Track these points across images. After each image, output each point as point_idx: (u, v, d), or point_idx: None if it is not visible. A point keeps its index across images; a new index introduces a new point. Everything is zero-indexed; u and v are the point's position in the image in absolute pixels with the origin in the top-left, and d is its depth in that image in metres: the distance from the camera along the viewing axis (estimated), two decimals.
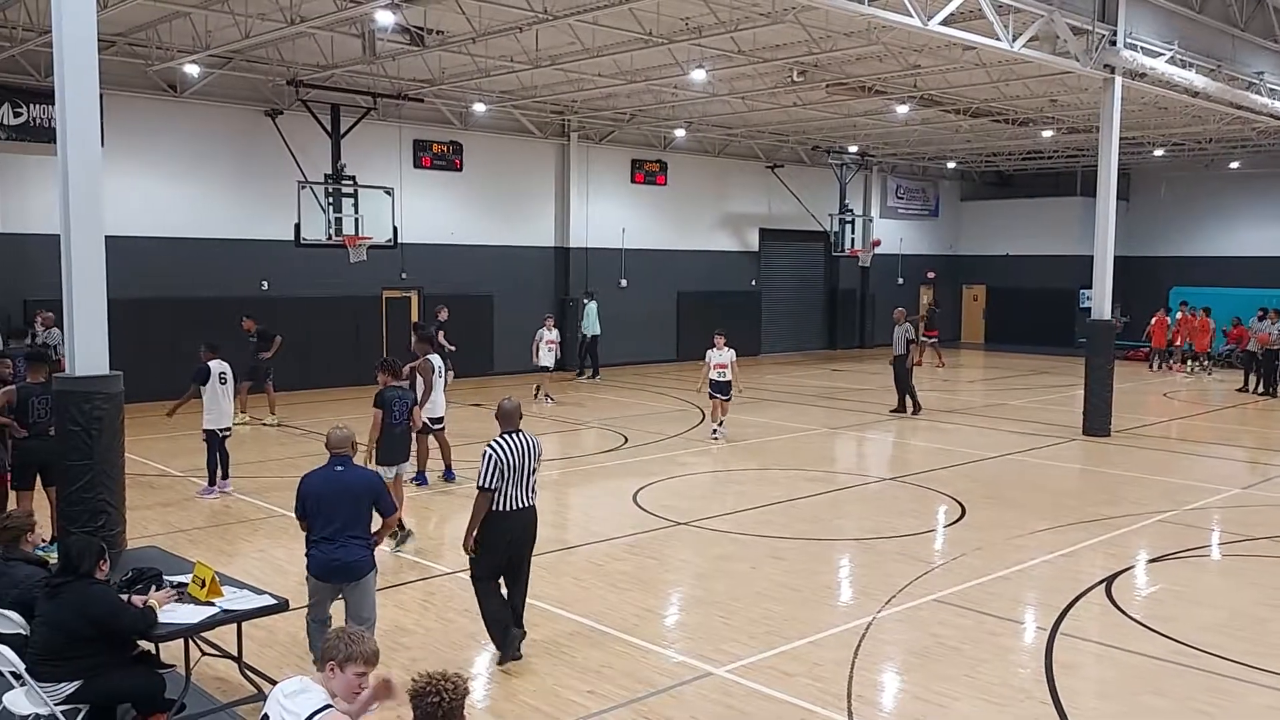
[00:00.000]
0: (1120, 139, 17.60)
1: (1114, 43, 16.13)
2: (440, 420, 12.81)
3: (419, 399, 11.77)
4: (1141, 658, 7.46)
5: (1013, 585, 9.17)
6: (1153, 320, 28.24)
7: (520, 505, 7.05)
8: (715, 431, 16.35)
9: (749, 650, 7.48)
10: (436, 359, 12.77)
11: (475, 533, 7.03)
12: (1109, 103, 17.09)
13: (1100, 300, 17.50)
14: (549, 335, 19.97)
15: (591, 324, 24.26)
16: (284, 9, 14.97)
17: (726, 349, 16.21)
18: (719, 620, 8.14)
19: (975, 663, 7.29)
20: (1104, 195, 17.40)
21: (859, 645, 7.58)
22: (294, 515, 6.71)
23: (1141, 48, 16.44)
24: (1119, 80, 16.90)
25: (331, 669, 4.17)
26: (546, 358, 19.88)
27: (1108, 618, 8.38)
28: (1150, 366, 28.18)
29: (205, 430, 12.22)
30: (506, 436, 7.05)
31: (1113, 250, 17.49)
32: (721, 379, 16.17)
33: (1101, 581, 9.20)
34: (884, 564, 9.71)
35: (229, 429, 12.42)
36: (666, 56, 17.96)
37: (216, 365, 12.22)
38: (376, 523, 6.72)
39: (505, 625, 7.15)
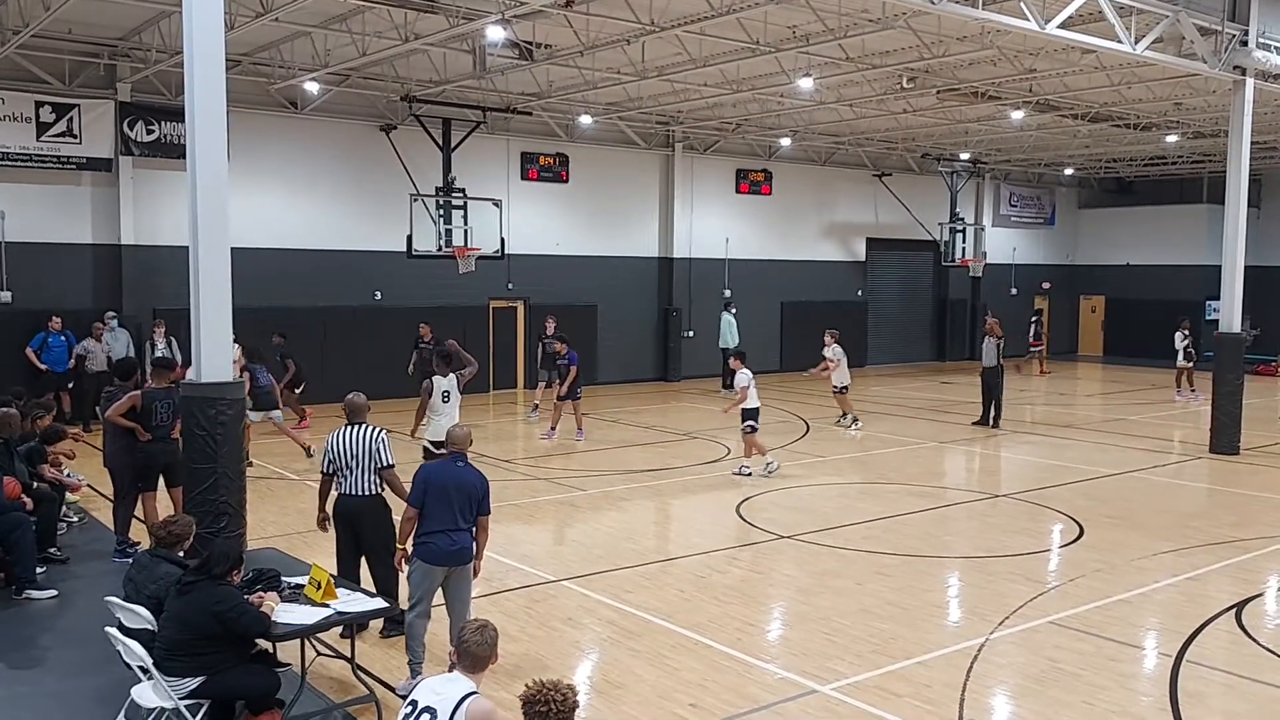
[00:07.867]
0: (1251, 143, 16.80)
1: (1245, 43, 15.41)
2: (438, 444, 10.50)
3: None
4: (1276, 690, 7.07)
5: (1134, 609, 8.79)
6: None
7: (353, 492, 7.61)
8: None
9: (855, 669, 7.33)
10: (442, 380, 11.14)
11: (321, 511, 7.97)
12: (1239, 106, 16.32)
13: (1229, 312, 16.75)
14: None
15: (729, 336, 24.23)
16: (399, 27, 15.42)
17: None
18: (823, 637, 8.00)
19: (1094, 689, 7.00)
20: (1234, 202, 16.66)
21: (970, 667, 7.35)
22: (410, 505, 6.87)
23: (1275, 48, 15.65)
24: (1250, 82, 16.13)
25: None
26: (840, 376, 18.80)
27: (1238, 646, 7.97)
28: None
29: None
30: (349, 428, 7.71)
31: (1243, 260, 16.74)
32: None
33: (1231, 607, 8.75)
34: (996, 584, 9.41)
35: None
36: (773, 65, 17.87)
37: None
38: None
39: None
